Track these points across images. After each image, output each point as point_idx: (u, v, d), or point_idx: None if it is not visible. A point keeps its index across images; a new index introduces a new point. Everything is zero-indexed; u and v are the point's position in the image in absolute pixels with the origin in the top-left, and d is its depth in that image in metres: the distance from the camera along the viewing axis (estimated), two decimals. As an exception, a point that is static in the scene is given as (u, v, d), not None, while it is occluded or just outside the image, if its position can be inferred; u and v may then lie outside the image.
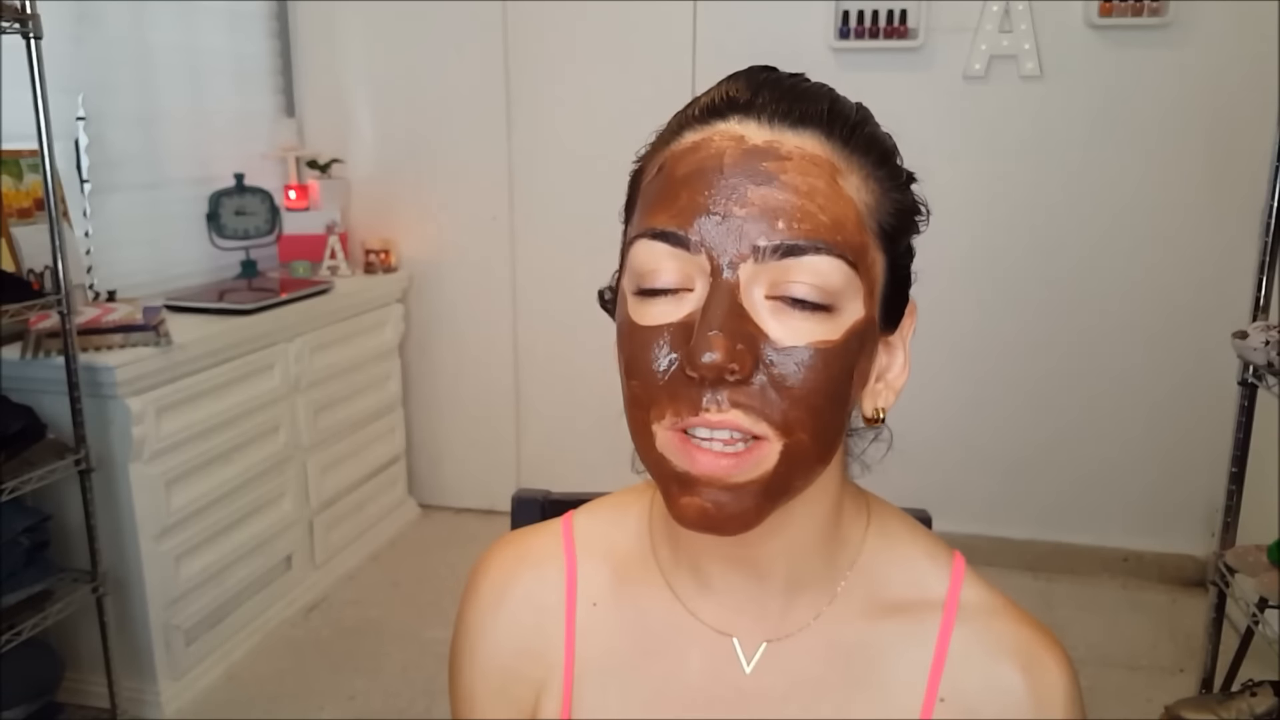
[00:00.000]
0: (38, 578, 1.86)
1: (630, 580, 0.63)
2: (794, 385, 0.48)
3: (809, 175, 0.49)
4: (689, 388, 0.48)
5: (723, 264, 0.48)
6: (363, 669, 2.33)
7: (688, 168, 0.51)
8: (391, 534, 3.06)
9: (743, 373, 0.47)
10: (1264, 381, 1.74)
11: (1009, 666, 0.58)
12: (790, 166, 0.49)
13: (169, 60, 2.63)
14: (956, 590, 0.60)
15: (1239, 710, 1.70)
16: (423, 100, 3.03)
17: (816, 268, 0.48)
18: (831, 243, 0.48)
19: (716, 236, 0.48)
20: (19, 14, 1.74)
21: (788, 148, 0.50)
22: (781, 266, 0.48)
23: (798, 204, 0.48)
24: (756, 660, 0.59)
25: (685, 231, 0.49)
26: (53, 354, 1.95)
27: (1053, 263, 2.69)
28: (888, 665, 0.58)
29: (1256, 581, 1.72)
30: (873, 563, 0.60)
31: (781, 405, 0.48)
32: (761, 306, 0.49)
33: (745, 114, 0.51)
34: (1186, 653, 2.38)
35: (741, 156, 0.49)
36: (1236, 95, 2.48)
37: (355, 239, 3.12)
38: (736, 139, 0.50)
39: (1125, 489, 2.77)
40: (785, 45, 2.68)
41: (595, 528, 0.66)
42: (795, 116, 0.51)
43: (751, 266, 0.48)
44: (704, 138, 0.51)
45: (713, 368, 0.46)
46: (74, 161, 2.23)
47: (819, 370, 0.49)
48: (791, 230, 0.48)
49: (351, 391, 2.82)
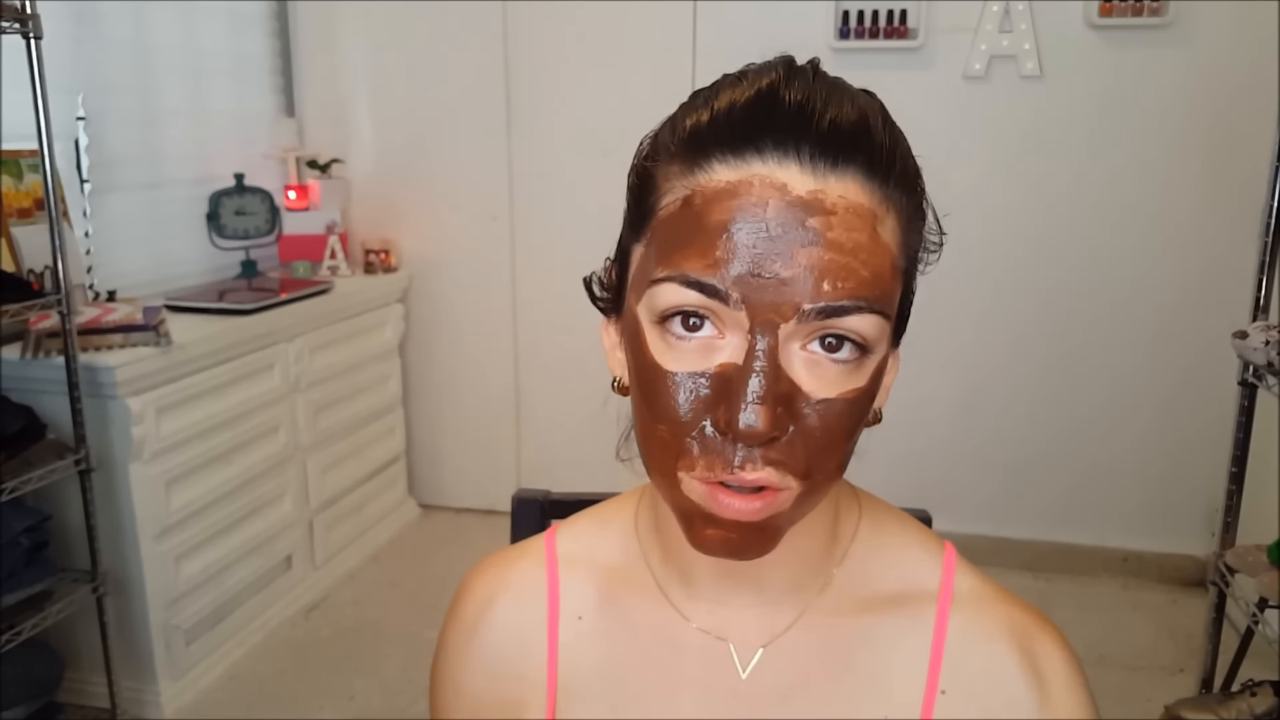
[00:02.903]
0: (38, 578, 1.86)
1: (620, 591, 0.63)
2: (822, 436, 0.49)
3: (853, 230, 0.48)
4: (723, 444, 0.48)
5: (764, 322, 0.47)
6: (363, 669, 2.33)
7: (724, 214, 0.48)
8: (391, 534, 3.06)
9: (780, 434, 0.48)
10: (1264, 381, 1.74)
11: (1005, 650, 0.58)
12: (835, 222, 0.47)
13: (169, 60, 2.63)
14: (949, 580, 0.60)
15: (1239, 710, 1.70)
16: (423, 100, 3.03)
17: (856, 325, 0.48)
18: (871, 299, 0.48)
19: (759, 294, 0.47)
20: (19, 14, 1.74)
21: (831, 199, 0.48)
22: (821, 325, 0.48)
23: (842, 263, 0.47)
24: (753, 666, 0.59)
25: (725, 286, 0.47)
26: (53, 354, 1.95)
27: (1053, 263, 2.69)
28: (885, 659, 0.58)
29: (1256, 581, 1.72)
30: (864, 556, 0.61)
31: (807, 454, 0.49)
32: (796, 359, 0.49)
33: (784, 153, 0.48)
34: (1186, 653, 2.38)
35: (785, 210, 0.47)
36: (1236, 95, 2.48)
37: (355, 239, 3.12)
38: (779, 188, 0.47)
39: (1125, 489, 2.77)
40: (785, 45, 2.63)
41: (578, 541, 0.66)
42: (836, 157, 0.48)
43: (792, 325, 0.47)
44: (741, 179, 0.48)
45: (756, 435, 0.47)
46: (74, 161, 2.23)
47: (846, 417, 0.49)
48: (836, 291, 0.47)
49: (351, 391, 2.82)
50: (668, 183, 0.51)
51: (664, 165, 0.52)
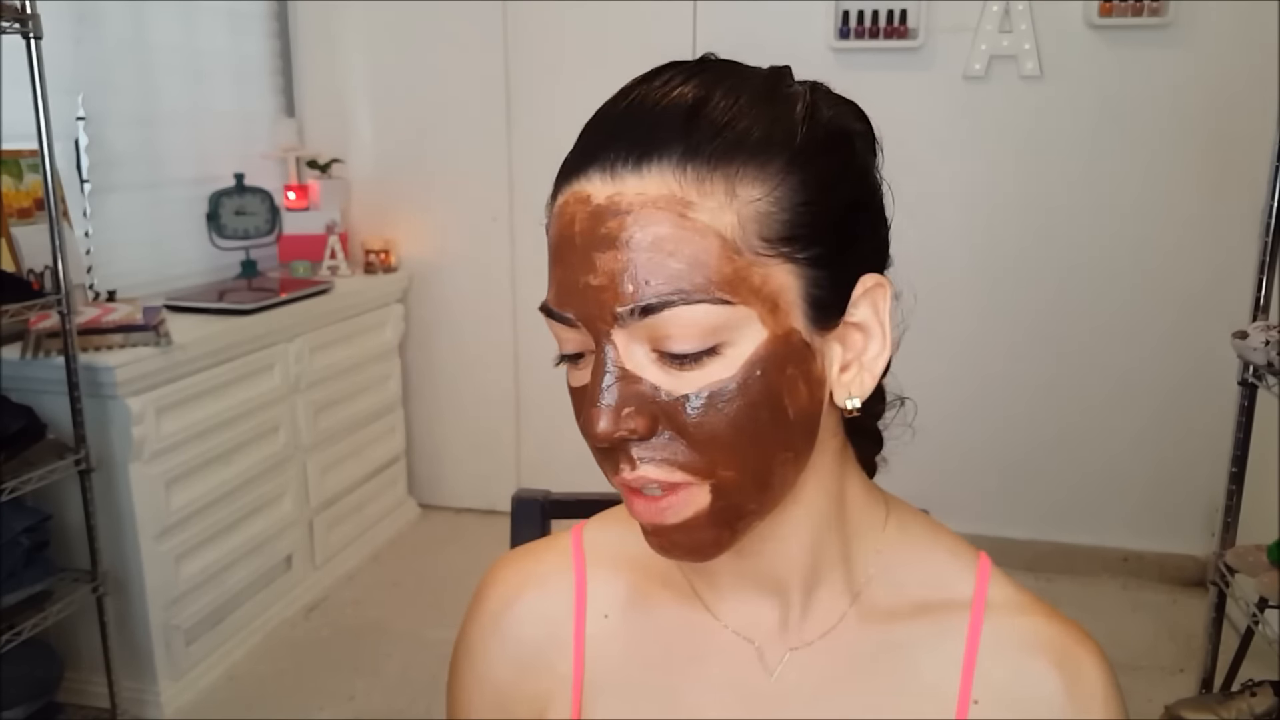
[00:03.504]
0: (38, 578, 1.86)
1: (652, 589, 0.62)
2: (696, 431, 0.48)
3: (651, 225, 0.46)
4: (607, 451, 0.50)
5: (599, 333, 0.48)
6: (363, 669, 2.33)
7: (554, 238, 0.50)
8: (391, 534, 3.06)
9: (641, 433, 0.48)
10: (1264, 381, 1.74)
11: (1042, 663, 0.56)
12: (630, 221, 0.46)
13: (169, 60, 2.63)
14: (984, 588, 0.59)
15: (1239, 710, 1.71)
16: (423, 100, 3.03)
17: (680, 319, 0.46)
18: (690, 289, 0.46)
19: (584, 309, 0.48)
20: (19, 14, 1.74)
21: (628, 199, 0.47)
22: (648, 325, 0.47)
23: (642, 259, 0.46)
24: (781, 668, 0.58)
25: (563, 310, 0.49)
26: (53, 354, 1.95)
27: (1052, 263, 2.69)
28: (916, 667, 0.57)
29: (1256, 581, 1.72)
30: (894, 563, 0.59)
31: (691, 452, 0.48)
32: (647, 362, 0.48)
33: (590, 166, 0.48)
34: (1186, 653, 2.38)
35: (588, 221, 0.47)
36: (1236, 95, 2.48)
37: (355, 239, 3.12)
38: (583, 200, 0.48)
39: (1125, 489, 2.77)
40: (785, 45, 2.67)
41: (607, 539, 0.65)
42: (637, 155, 0.47)
43: (624, 331, 0.48)
44: (562, 201, 0.50)
45: (604, 437, 0.48)
46: (74, 161, 2.23)
47: (719, 411, 0.47)
48: (642, 289, 0.46)
49: (351, 391, 2.82)
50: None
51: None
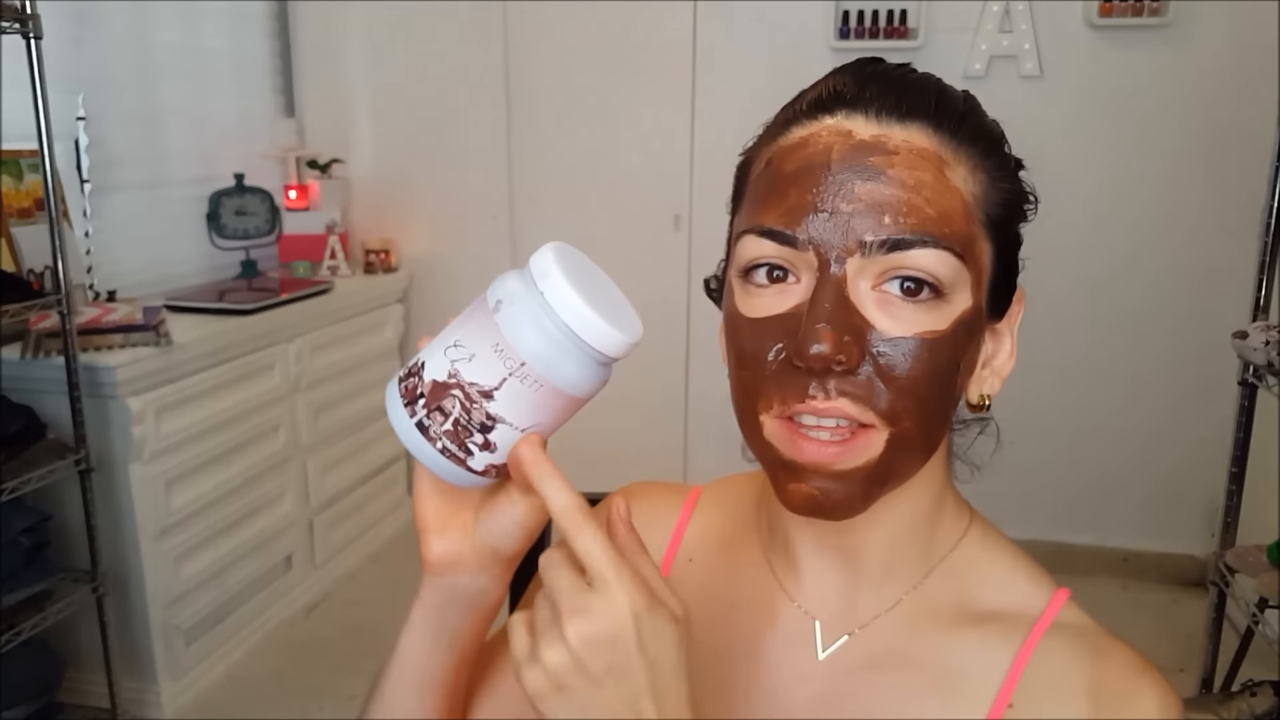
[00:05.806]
0: (38, 578, 1.86)
1: (733, 549, 0.65)
2: (901, 375, 0.49)
3: (916, 169, 0.49)
4: (796, 377, 0.49)
5: (830, 258, 0.49)
6: (363, 669, 2.33)
7: (795, 164, 0.51)
8: (391, 534, 3.05)
9: (850, 364, 0.48)
10: (1264, 381, 1.74)
11: (1080, 694, 0.55)
12: (897, 160, 0.49)
13: (169, 60, 2.63)
14: (1054, 611, 0.59)
15: (1239, 710, 1.71)
16: (423, 100, 3.03)
17: (923, 260, 0.49)
18: (938, 235, 0.49)
19: (824, 232, 0.49)
20: (19, 14, 1.74)
21: (894, 142, 0.50)
22: (888, 260, 0.49)
23: (904, 198, 0.49)
24: (833, 649, 0.59)
25: (793, 230, 0.50)
26: (53, 354, 1.95)
27: (1052, 262, 2.69)
28: (961, 666, 0.57)
29: (1256, 581, 1.72)
30: (965, 569, 0.60)
31: (888, 394, 0.49)
32: (868, 299, 0.49)
33: (852, 108, 0.51)
34: (1186, 653, 2.37)
35: (849, 152, 0.50)
36: (1236, 95, 2.48)
37: (355, 239, 3.12)
38: (844, 134, 0.50)
39: (1125, 489, 2.77)
40: (785, 45, 2.68)
41: (713, 498, 0.70)
42: (903, 110, 0.51)
43: (858, 261, 0.49)
44: (811, 133, 0.52)
45: (820, 358, 0.47)
46: (74, 161, 2.23)
47: (925, 360, 0.49)
48: (898, 225, 0.48)
49: (351, 391, 2.82)
50: (758, 158, 0.56)
51: (758, 148, 0.56)
